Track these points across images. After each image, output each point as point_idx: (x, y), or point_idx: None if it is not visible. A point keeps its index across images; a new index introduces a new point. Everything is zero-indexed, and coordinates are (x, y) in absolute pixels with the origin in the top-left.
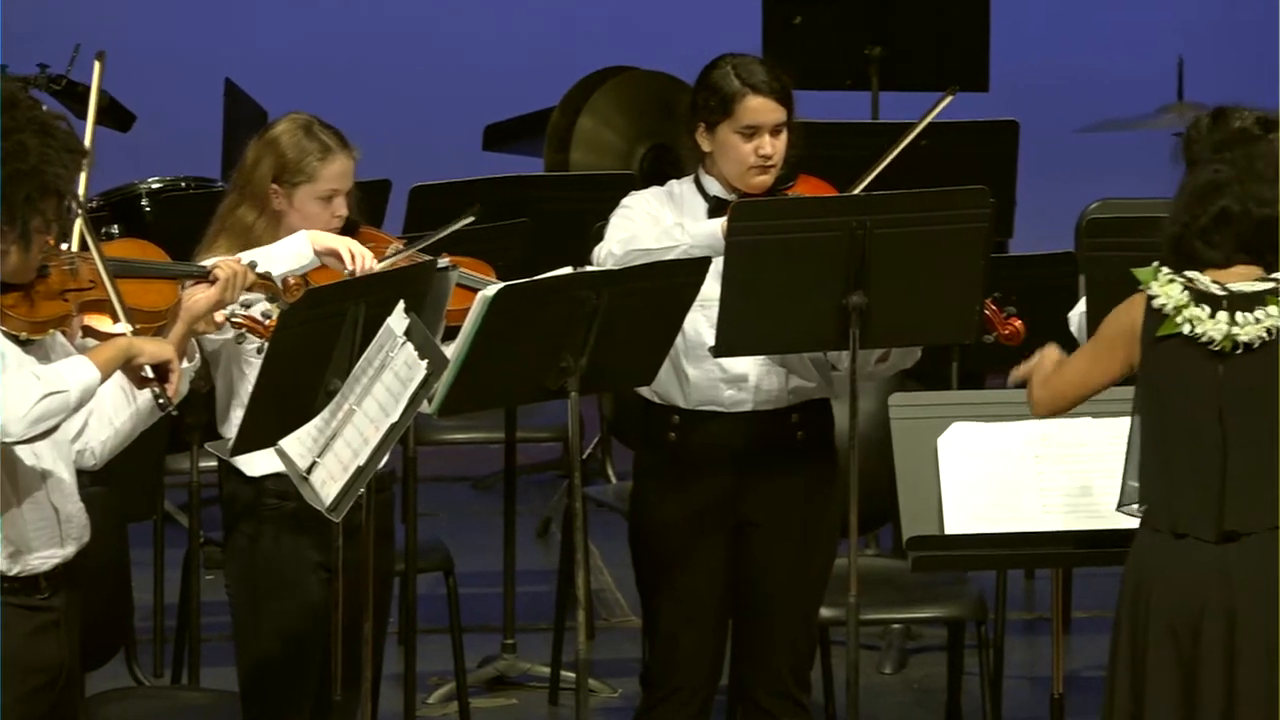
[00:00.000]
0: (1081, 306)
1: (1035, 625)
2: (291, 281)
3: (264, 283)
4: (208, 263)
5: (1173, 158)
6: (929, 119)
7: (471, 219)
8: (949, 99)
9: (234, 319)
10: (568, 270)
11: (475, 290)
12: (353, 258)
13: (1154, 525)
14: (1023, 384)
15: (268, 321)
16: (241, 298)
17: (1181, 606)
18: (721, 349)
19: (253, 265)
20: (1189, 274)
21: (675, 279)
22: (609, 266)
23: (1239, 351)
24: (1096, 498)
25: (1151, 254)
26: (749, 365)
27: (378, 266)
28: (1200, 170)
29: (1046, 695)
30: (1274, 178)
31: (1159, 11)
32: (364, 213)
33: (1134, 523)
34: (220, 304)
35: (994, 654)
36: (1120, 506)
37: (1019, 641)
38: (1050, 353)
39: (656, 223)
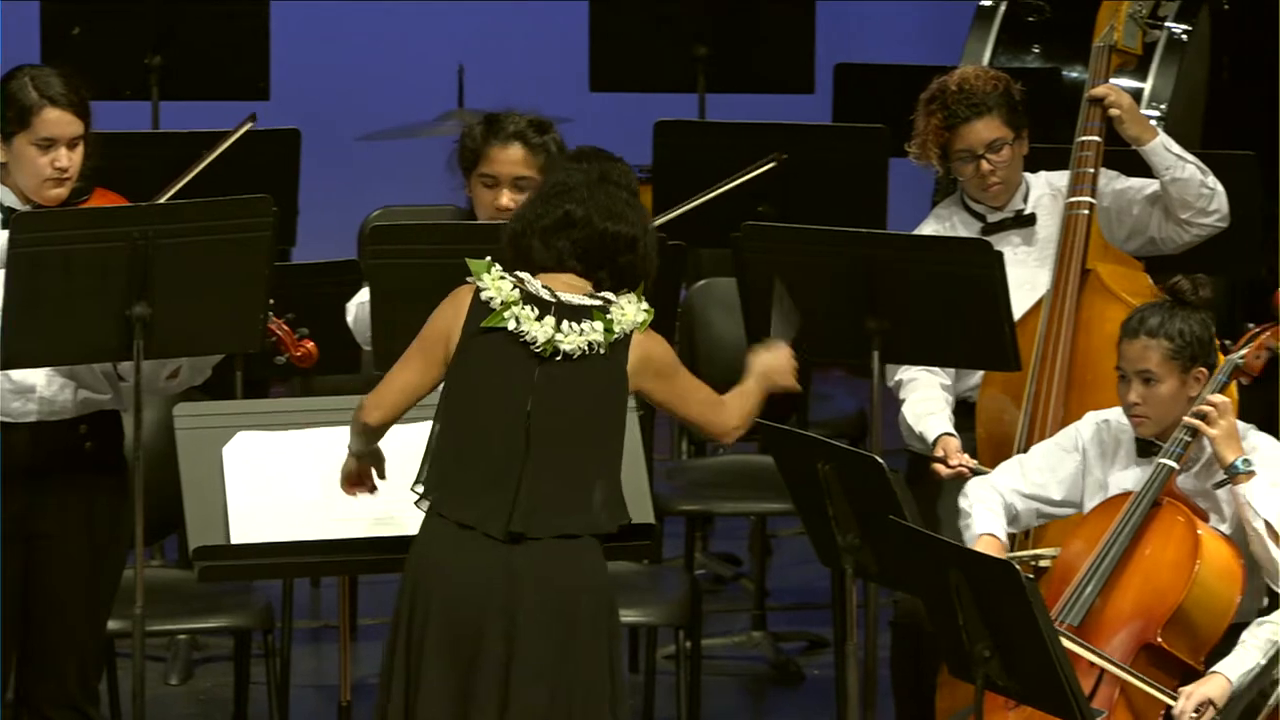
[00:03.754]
0: (353, 307)
1: (322, 633)
2: None
3: None
4: None
5: (448, 165)
6: (233, 139)
7: None
8: (248, 125)
9: None
10: None
11: None
12: None
13: (440, 512)
14: None
15: None
16: None
17: (465, 604)
18: (7, 361)
19: None
20: (521, 274)
21: None
22: None
23: (558, 358)
24: (383, 504)
25: (436, 260)
26: (38, 376)
27: None
28: (554, 173)
29: (334, 702)
30: (620, 195)
31: (439, 21)
32: None
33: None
34: None
35: (280, 662)
36: (416, 497)
37: (306, 650)
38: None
39: None
